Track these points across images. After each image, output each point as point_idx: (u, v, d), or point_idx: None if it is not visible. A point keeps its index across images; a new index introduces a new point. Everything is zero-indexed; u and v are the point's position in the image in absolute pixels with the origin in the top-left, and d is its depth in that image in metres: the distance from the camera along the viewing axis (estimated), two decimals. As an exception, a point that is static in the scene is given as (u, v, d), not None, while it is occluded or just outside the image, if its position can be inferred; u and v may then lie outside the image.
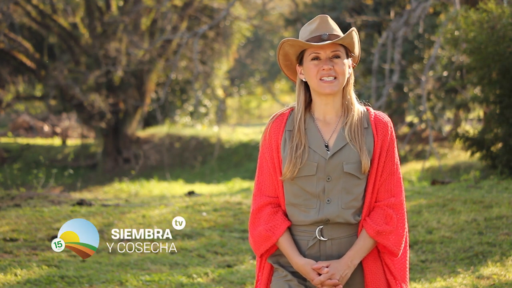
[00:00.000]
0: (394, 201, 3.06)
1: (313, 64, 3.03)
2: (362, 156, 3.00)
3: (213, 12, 23.77)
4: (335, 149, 3.02)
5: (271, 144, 3.09)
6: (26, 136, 29.89)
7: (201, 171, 22.62)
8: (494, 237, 6.94)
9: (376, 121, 3.07)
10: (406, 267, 3.15)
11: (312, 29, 3.05)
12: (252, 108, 43.28)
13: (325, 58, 3.02)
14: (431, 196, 8.91)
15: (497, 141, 10.78)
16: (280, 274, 3.09)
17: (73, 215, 8.48)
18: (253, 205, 3.14)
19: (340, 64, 3.02)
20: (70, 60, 23.86)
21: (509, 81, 10.39)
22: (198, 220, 8.34)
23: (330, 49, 3.02)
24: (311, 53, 3.03)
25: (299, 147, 3.02)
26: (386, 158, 3.06)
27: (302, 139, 3.03)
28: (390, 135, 3.06)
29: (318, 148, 3.03)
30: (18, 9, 22.56)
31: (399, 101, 20.93)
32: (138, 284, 6.00)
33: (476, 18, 10.32)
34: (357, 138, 3.02)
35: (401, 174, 3.14)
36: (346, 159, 3.00)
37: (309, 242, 3.04)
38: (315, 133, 3.05)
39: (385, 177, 3.07)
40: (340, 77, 3.03)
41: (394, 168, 3.08)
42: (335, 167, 3.00)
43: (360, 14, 20.25)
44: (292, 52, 3.08)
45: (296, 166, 3.00)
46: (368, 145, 3.04)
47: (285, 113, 3.12)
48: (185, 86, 27.34)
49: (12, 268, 6.25)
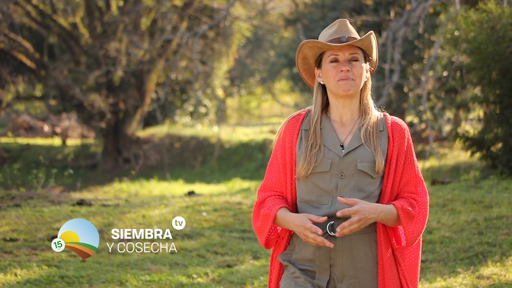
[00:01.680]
0: (417, 197, 3.10)
1: (331, 66, 3.07)
2: (376, 156, 3.04)
3: (213, 12, 23.77)
4: (350, 148, 3.06)
5: (284, 143, 3.13)
6: (26, 136, 29.88)
7: (201, 171, 22.62)
8: (494, 237, 6.94)
9: (393, 125, 3.12)
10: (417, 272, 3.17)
11: (331, 32, 3.10)
12: (252, 108, 43.27)
13: (343, 60, 3.07)
14: (431, 196, 8.91)
15: (497, 141, 10.77)
16: (289, 271, 3.11)
17: (73, 215, 8.48)
18: (257, 199, 3.18)
19: (358, 67, 3.07)
20: (70, 60, 23.85)
21: (509, 81, 10.39)
22: (198, 220, 8.34)
23: (348, 52, 3.07)
24: (330, 55, 3.08)
25: (314, 147, 3.07)
26: (406, 162, 3.10)
27: (318, 139, 3.08)
28: (407, 141, 3.11)
29: (333, 147, 3.07)
30: (18, 9, 22.55)
31: (399, 101, 20.93)
32: (138, 284, 6.00)
33: (476, 18, 10.32)
34: (372, 139, 3.07)
35: (423, 178, 3.16)
36: (360, 157, 3.04)
37: None
38: (330, 133, 3.10)
39: (406, 180, 3.10)
40: (357, 79, 3.07)
41: (416, 172, 3.12)
42: (349, 165, 3.04)
43: (360, 14, 20.25)
44: (311, 54, 3.13)
45: (311, 164, 3.04)
46: (383, 147, 3.08)
47: (301, 114, 3.17)
48: (185, 86, 27.33)
49: (12, 268, 6.25)
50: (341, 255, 3.04)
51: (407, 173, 3.10)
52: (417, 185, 3.12)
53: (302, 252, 3.09)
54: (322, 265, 3.06)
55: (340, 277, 3.05)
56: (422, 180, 3.14)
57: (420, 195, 3.11)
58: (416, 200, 3.09)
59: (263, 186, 3.18)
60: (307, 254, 3.08)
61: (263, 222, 3.12)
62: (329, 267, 3.05)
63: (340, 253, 3.04)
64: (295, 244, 3.12)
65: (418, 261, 3.17)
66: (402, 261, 3.11)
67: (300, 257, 3.10)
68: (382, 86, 16.30)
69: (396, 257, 3.10)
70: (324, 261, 3.05)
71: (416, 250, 3.17)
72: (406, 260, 3.14)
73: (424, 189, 3.13)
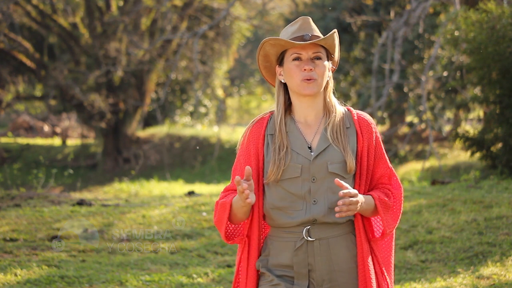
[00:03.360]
0: (392, 188, 3.08)
1: (294, 64, 3.01)
2: (346, 156, 2.99)
3: (213, 12, 23.77)
4: (319, 150, 3.00)
5: (248, 149, 3.07)
6: (26, 136, 29.87)
7: (201, 171, 22.62)
8: (494, 237, 6.94)
9: (360, 120, 3.06)
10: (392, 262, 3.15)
11: (294, 29, 3.03)
12: (252, 108, 43.26)
13: (306, 59, 3.01)
14: (431, 196, 8.91)
15: (497, 141, 10.77)
16: (267, 279, 3.03)
17: (73, 215, 8.49)
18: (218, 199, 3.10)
19: (321, 65, 3.01)
20: (70, 60, 23.85)
21: (509, 81, 10.39)
22: (198, 220, 8.34)
23: (311, 50, 3.01)
24: (292, 53, 3.02)
25: (281, 149, 3.00)
26: (377, 157, 3.06)
27: (284, 141, 3.01)
28: (375, 135, 3.07)
29: (301, 150, 3.01)
30: (18, 9, 22.55)
31: (399, 101, 20.93)
32: (138, 284, 6.00)
33: (476, 18, 10.32)
34: (339, 138, 3.01)
35: (394, 170, 3.14)
36: (331, 159, 2.99)
37: (296, 243, 2.99)
38: (297, 135, 3.03)
39: (379, 175, 3.08)
40: (319, 78, 3.01)
41: (387, 165, 3.09)
42: (320, 168, 2.98)
43: (360, 14, 20.26)
44: (273, 52, 3.06)
45: (280, 167, 2.97)
46: (352, 145, 3.03)
47: (265, 118, 3.11)
48: (185, 86, 27.33)
49: (12, 268, 6.26)
50: (319, 259, 2.99)
51: (380, 168, 3.07)
52: (390, 178, 3.09)
53: (278, 258, 3.02)
54: (300, 270, 2.99)
55: (320, 281, 2.99)
56: (394, 172, 3.11)
57: (394, 187, 3.09)
58: (391, 191, 3.07)
59: (225, 189, 3.09)
60: (284, 259, 3.01)
61: (220, 212, 3.02)
62: (307, 272, 2.99)
63: (318, 257, 2.99)
64: (270, 248, 3.05)
65: (392, 251, 3.15)
66: (378, 252, 3.08)
67: (276, 262, 3.02)
68: (382, 86, 16.30)
69: (372, 249, 3.07)
70: (302, 267, 2.99)
71: (390, 240, 3.15)
72: (381, 251, 3.12)
73: (397, 181, 3.11)
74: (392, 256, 3.15)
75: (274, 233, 3.05)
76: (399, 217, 3.09)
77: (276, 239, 3.04)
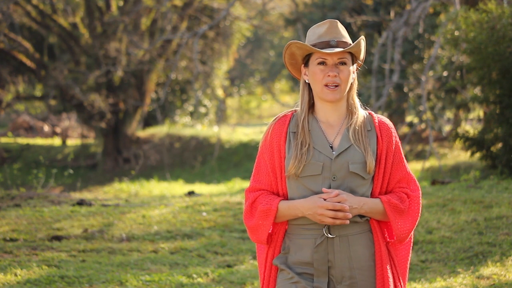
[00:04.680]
0: (409, 192, 3.09)
1: (319, 69, 3.03)
2: (367, 157, 3.02)
3: (213, 12, 23.77)
4: (340, 150, 3.03)
5: (272, 145, 3.08)
6: (26, 136, 29.88)
7: (201, 171, 22.62)
8: (494, 237, 6.94)
9: (380, 124, 3.09)
10: (407, 268, 3.16)
11: (320, 33, 3.04)
12: (252, 108, 43.27)
13: (331, 65, 3.02)
14: (431, 196, 8.90)
15: (497, 141, 10.77)
16: (286, 276, 3.05)
17: (73, 215, 8.49)
18: (247, 200, 3.11)
19: (345, 71, 3.03)
20: (70, 60, 23.86)
21: (509, 81, 10.39)
22: (198, 220, 8.35)
23: (337, 56, 3.02)
24: (317, 58, 3.03)
25: (304, 145, 3.03)
26: (395, 161, 3.09)
27: (307, 138, 3.04)
28: (395, 140, 3.10)
29: (323, 149, 3.03)
30: (18, 9, 22.55)
31: (399, 101, 20.93)
32: (138, 284, 6.00)
33: (476, 18, 10.32)
34: (361, 139, 3.04)
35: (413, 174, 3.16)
36: (352, 159, 3.02)
37: (316, 240, 3.02)
38: (319, 134, 3.06)
39: (398, 179, 3.10)
40: (343, 84, 3.03)
41: (406, 170, 3.11)
42: (341, 167, 3.01)
43: (360, 14, 20.25)
44: (298, 53, 3.08)
45: (302, 162, 3.00)
46: (372, 146, 3.06)
47: (287, 115, 3.12)
48: (185, 86, 27.34)
49: (12, 268, 6.26)
50: (339, 256, 3.02)
51: (398, 172, 3.09)
52: (409, 182, 3.11)
53: (298, 255, 3.05)
54: (320, 267, 3.02)
55: (339, 278, 3.03)
56: (414, 177, 3.13)
57: (412, 191, 3.10)
58: (408, 195, 3.09)
59: (252, 188, 3.11)
60: (304, 257, 3.03)
61: (262, 217, 3.05)
62: (327, 270, 3.02)
63: (338, 254, 3.02)
64: (289, 246, 3.08)
65: (409, 257, 3.17)
66: (395, 256, 3.11)
67: (296, 260, 3.05)
68: (382, 86, 16.30)
69: (390, 252, 3.10)
70: (322, 264, 3.02)
71: (408, 246, 3.17)
72: (399, 255, 3.14)
73: (416, 185, 3.13)
74: (408, 261, 3.16)
75: (294, 230, 3.08)
76: (415, 222, 3.10)
77: (295, 236, 3.07)
